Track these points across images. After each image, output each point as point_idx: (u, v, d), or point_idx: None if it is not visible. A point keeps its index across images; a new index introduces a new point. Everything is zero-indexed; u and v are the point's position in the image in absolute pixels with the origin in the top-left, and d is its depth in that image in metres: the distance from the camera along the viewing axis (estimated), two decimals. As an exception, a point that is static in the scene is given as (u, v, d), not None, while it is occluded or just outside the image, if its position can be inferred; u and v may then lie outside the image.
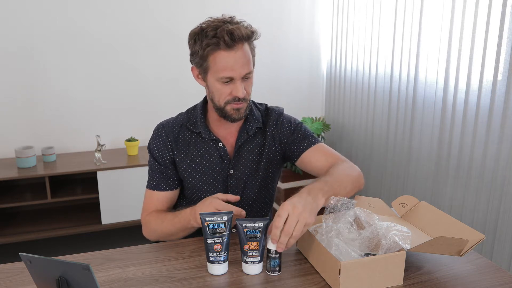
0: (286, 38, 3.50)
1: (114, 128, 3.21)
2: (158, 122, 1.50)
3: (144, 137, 3.19)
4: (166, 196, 1.46)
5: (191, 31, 1.34)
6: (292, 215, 1.10)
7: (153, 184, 1.46)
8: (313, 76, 3.65)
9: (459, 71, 2.29)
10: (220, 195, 1.27)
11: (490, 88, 2.12)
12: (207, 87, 1.38)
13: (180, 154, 1.44)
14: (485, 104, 2.16)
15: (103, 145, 2.88)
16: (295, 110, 3.58)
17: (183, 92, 3.25)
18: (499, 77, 2.07)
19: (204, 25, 1.31)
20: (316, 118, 3.46)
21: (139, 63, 3.17)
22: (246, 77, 1.33)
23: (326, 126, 3.37)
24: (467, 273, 1.18)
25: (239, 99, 1.33)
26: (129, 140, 3.07)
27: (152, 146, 1.46)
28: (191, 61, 1.38)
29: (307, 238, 1.21)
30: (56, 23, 2.95)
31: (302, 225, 1.10)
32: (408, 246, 1.10)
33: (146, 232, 1.46)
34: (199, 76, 1.38)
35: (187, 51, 1.38)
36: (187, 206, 1.37)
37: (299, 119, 3.39)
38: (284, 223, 1.10)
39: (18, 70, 2.95)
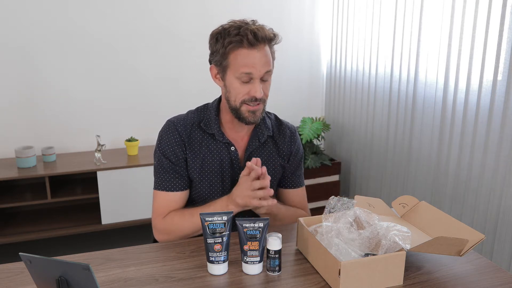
0: (286, 38, 3.46)
1: (114, 128, 3.20)
2: (158, 122, 1.48)
3: (144, 137, 3.19)
4: (181, 197, 1.41)
5: (213, 31, 1.34)
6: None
7: (166, 185, 1.40)
8: (313, 76, 3.65)
9: (459, 71, 2.29)
10: (242, 173, 1.32)
11: (490, 88, 2.12)
12: (224, 86, 1.36)
13: (192, 154, 1.41)
14: (485, 104, 2.16)
15: (103, 145, 2.88)
16: (295, 110, 3.58)
17: (183, 92, 3.25)
18: (499, 77, 2.07)
19: (226, 26, 1.31)
20: (316, 118, 3.45)
21: (139, 63, 3.17)
22: (265, 79, 1.33)
23: (326, 126, 3.37)
24: (467, 273, 1.18)
25: (256, 99, 1.32)
26: (129, 140, 3.06)
27: (164, 144, 1.41)
28: (210, 60, 1.38)
29: (307, 238, 1.21)
30: (56, 23, 2.95)
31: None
32: (408, 246, 1.10)
33: (163, 235, 1.40)
34: (217, 76, 1.38)
35: (187, 51, 1.38)
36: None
37: (299, 119, 3.41)
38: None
39: (18, 70, 2.95)
